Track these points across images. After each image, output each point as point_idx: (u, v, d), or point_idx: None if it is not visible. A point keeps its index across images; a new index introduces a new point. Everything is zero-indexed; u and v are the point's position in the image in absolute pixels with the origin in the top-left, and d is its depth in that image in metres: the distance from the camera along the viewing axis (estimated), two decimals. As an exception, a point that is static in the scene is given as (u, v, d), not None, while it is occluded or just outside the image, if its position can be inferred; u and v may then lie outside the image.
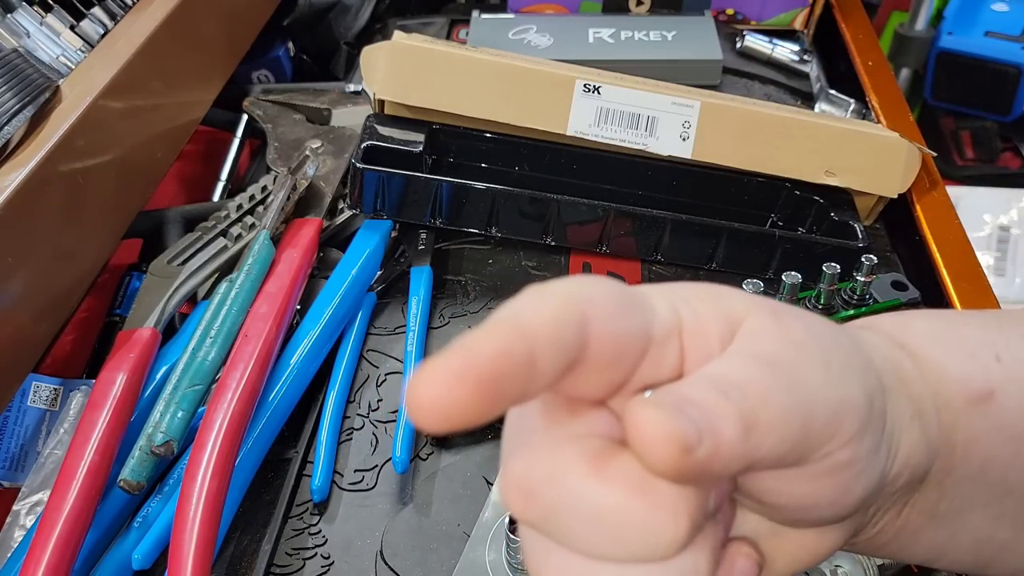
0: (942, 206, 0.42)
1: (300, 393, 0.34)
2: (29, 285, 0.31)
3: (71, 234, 0.33)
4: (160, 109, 0.40)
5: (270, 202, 0.39)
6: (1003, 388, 0.18)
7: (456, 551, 0.29)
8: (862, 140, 0.40)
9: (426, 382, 0.12)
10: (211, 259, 0.37)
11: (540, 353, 0.12)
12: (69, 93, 0.34)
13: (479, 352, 0.12)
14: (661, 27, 0.53)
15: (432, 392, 0.12)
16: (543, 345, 0.13)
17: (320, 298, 0.36)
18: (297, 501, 0.32)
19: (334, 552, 0.30)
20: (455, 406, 0.12)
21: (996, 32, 0.71)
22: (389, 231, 0.41)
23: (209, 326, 0.33)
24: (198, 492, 0.27)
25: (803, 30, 0.58)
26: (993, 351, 0.18)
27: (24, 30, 0.37)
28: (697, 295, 0.15)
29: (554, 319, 0.13)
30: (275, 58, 0.54)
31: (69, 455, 0.29)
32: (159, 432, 0.29)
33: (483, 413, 0.12)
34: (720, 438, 0.13)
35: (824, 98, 0.51)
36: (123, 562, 0.29)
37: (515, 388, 0.12)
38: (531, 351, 0.12)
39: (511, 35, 0.53)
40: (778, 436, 0.14)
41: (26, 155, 0.31)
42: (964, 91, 0.72)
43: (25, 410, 0.35)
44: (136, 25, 0.39)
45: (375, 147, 0.39)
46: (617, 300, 0.14)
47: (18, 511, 0.31)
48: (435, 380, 0.12)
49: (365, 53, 0.40)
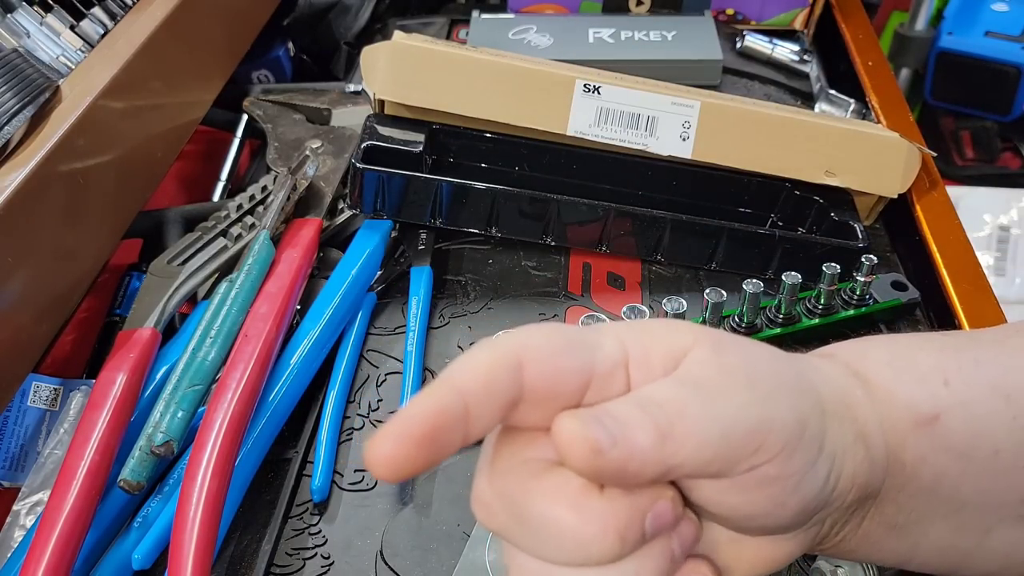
0: (942, 206, 0.42)
1: (300, 393, 0.34)
2: (29, 285, 0.31)
3: (71, 234, 0.33)
4: (160, 109, 0.40)
5: (270, 202, 0.39)
6: (949, 411, 0.19)
7: (456, 551, 0.29)
8: (862, 140, 0.40)
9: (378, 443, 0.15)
10: (211, 259, 0.37)
11: (474, 404, 0.15)
12: (69, 93, 0.34)
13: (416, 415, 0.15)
14: (661, 27, 0.53)
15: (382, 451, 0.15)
16: (477, 397, 0.15)
17: (320, 298, 0.36)
18: (297, 501, 0.32)
19: (334, 552, 0.30)
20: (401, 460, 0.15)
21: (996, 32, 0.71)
22: (389, 231, 0.41)
23: (209, 326, 0.33)
24: (198, 492, 0.27)
25: (803, 30, 0.58)
26: (943, 376, 0.20)
27: (24, 30, 0.37)
28: (648, 330, 0.18)
29: (487, 371, 0.15)
30: (275, 58, 0.54)
31: (69, 455, 0.29)
32: (159, 432, 0.29)
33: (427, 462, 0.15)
34: (634, 443, 0.15)
35: (824, 98, 0.51)
36: (123, 562, 0.29)
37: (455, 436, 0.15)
38: (464, 404, 0.15)
39: (511, 35, 0.53)
40: (694, 445, 0.16)
41: (26, 155, 0.31)
42: (964, 91, 0.72)
43: (25, 410, 0.35)
44: (136, 25, 0.39)
45: (375, 147, 0.39)
46: (554, 342, 0.16)
47: (18, 511, 0.31)
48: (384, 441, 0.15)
49: (365, 53, 0.40)
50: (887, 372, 0.20)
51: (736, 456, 0.16)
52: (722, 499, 0.17)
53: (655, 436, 0.15)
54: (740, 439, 0.16)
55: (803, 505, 0.17)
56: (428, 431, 0.15)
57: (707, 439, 0.16)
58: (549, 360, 0.16)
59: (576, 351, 0.16)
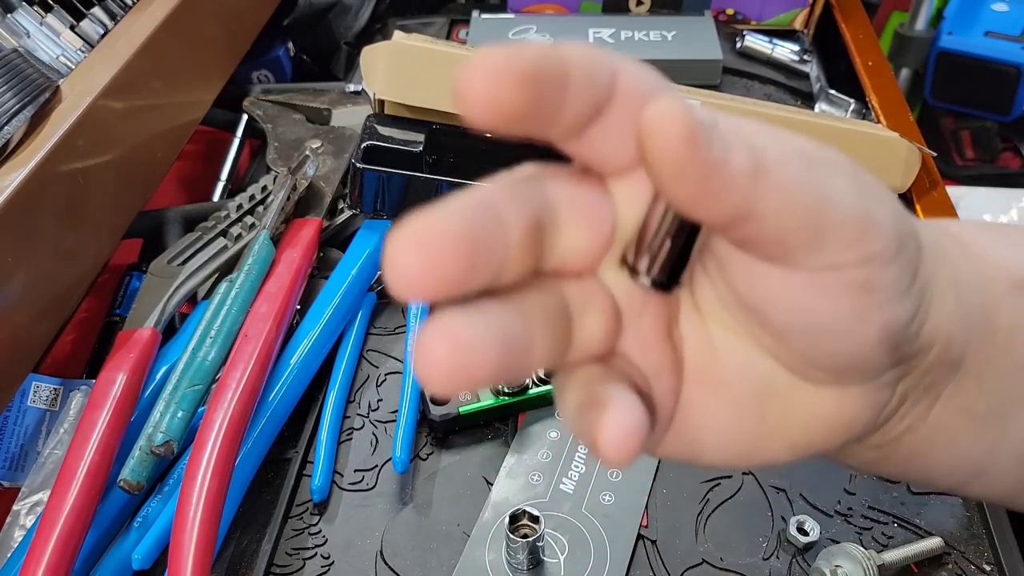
0: (942, 206, 0.42)
1: (300, 393, 0.34)
2: (29, 285, 0.31)
3: (71, 234, 0.33)
4: (160, 109, 0.40)
5: (270, 202, 0.39)
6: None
7: (456, 551, 0.29)
8: (862, 140, 0.40)
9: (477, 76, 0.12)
10: (211, 259, 0.37)
11: (576, 76, 0.13)
12: (69, 93, 0.34)
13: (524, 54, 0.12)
14: (661, 27, 0.53)
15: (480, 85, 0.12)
16: (578, 70, 0.13)
17: (320, 298, 0.36)
18: (297, 501, 0.32)
19: (334, 552, 0.30)
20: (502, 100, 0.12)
21: (996, 32, 0.71)
22: (389, 231, 0.41)
23: (209, 326, 0.33)
24: (198, 492, 0.27)
25: (803, 30, 0.58)
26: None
27: (24, 30, 0.37)
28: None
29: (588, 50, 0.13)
30: (275, 58, 0.54)
31: (69, 455, 0.29)
32: (159, 432, 0.29)
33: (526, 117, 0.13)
34: (730, 160, 0.13)
35: (824, 98, 0.51)
36: (123, 562, 0.29)
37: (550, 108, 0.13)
38: (567, 74, 0.13)
39: (511, 35, 0.53)
40: (785, 199, 0.13)
41: (26, 155, 0.31)
42: (964, 91, 0.72)
43: (25, 410, 0.35)
44: (136, 25, 0.39)
45: (375, 147, 0.39)
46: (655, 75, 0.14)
47: (18, 511, 0.31)
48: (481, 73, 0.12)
49: (365, 53, 0.40)
50: (979, 236, 0.18)
51: (824, 237, 0.14)
52: (794, 297, 0.14)
53: (751, 166, 0.13)
54: (834, 219, 0.14)
55: (886, 331, 0.15)
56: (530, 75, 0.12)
57: (799, 199, 0.13)
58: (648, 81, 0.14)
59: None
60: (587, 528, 0.30)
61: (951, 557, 0.29)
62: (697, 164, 0.13)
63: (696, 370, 0.16)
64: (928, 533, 0.30)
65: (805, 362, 0.16)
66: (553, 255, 0.15)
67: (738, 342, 0.16)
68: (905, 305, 0.15)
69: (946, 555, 0.29)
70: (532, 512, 0.28)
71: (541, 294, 0.14)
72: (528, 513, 0.28)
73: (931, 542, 0.29)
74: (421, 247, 0.12)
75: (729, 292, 0.16)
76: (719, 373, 0.16)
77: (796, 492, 0.31)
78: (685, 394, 0.16)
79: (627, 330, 0.16)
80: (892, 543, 0.30)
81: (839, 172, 0.14)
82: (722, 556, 0.29)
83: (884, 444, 0.17)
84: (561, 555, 0.29)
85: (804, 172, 0.14)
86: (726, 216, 0.13)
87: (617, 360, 0.16)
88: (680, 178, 0.13)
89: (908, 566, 0.29)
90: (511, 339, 0.13)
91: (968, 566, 0.29)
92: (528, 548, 0.28)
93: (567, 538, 0.30)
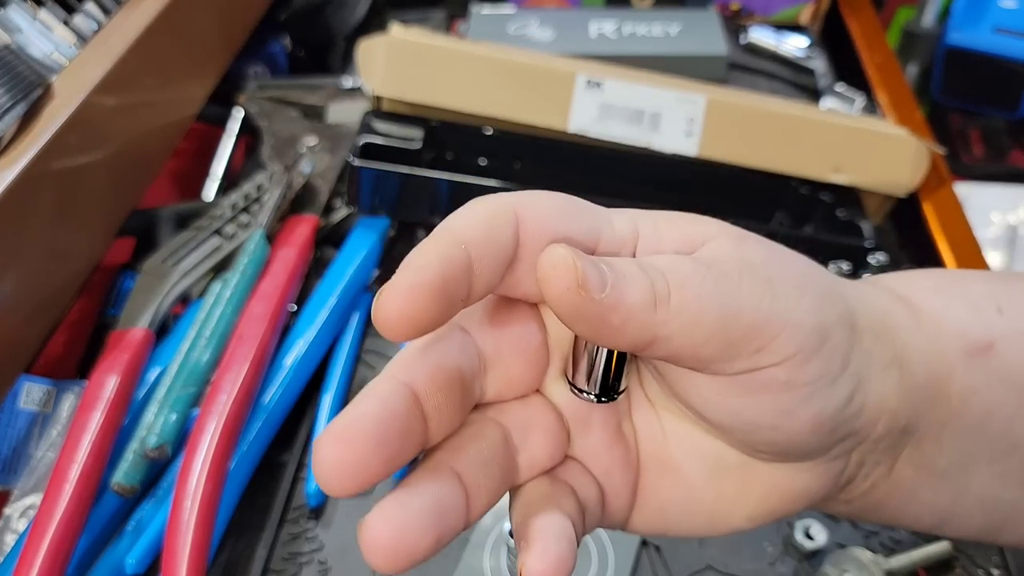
0: (950, 204, 0.41)
1: (296, 395, 0.34)
2: (21, 285, 0.30)
3: (63, 233, 0.33)
4: (154, 106, 0.39)
5: (265, 200, 0.38)
6: (1004, 339, 0.18)
7: (455, 557, 0.29)
8: (870, 137, 0.39)
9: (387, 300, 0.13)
10: (205, 258, 0.37)
11: (477, 256, 0.14)
12: (61, 90, 0.34)
13: (424, 265, 0.13)
14: (664, 21, 0.53)
15: (394, 307, 0.13)
16: (479, 248, 0.14)
17: (316, 298, 0.36)
18: (293, 505, 0.31)
19: (331, 557, 0.29)
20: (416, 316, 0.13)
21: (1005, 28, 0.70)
22: (387, 229, 0.40)
23: (203, 327, 0.32)
24: (192, 496, 0.27)
25: (810, 25, 0.57)
26: (995, 303, 0.18)
27: (16, 26, 0.37)
28: (668, 217, 0.16)
29: (486, 221, 0.14)
30: (271, 53, 0.54)
31: (61, 458, 0.28)
32: (152, 435, 0.29)
33: (439, 318, 0.13)
34: (624, 295, 0.14)
35: (831, 94, 0.50)
36: (116, 567, 0.28)
37: (462, 291, 0.14)
38: (468, 255, 0.14)
39: (511, 29, 0.52)
40: (688, 320, 0.14)
41: (18, 153, 0.30)
42: (972, 88, 0.71)
43: (17, 412, 0.35)
44: (129, 20, 0.38)
45: (372, 143, 0.39)
46: (557, 206, 0.15)
47: (10, 515, 0.31)
48: (394, 297, 0.13)
49: (362, 48, 0.40)
50: (935, 298, 0.18)
51: (736, 347, 0.14)
52: (722, 400, 0.15)
53: (648, 297, 0.14)
54: (742, 329, 0.14)
55: (817, 421, 0.15)
56: (439, 282, 0.13)
57: (703, 318, 0.14)
58: (550, 221, 0.15)
59: (581, 216, 0.15)
60: (590, 534, 0.29)
61: (959, 561, 0.29)
62: (590, 305, 0.14)
63: (650, 458, 0.18)
64: (936, 537, 0.29)
65: (748, 449, 0.17)
66: (487, 392, 0.16)
67: (688, 428, 0.17)
68: (835, 392, 0.16)
69: (954, 559, 0.29)
70: (532, 517, 0.28)
71: (478, 443, 0.15)
72: (528, 518, 0.28)
73: (939, 546, 0.29)
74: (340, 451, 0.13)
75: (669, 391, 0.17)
76: (672, 458, 0.17)
77: (801, 497, 0.31)
78: (642, 482, 0.18)
79: (576, 439, 0.17)
80: (899, 548, 0.29)
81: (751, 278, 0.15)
82: (727, 562, 0.29)
83: (852, 500, 0.18)
84: (561, 561, 0.29)
85: (709, 289, 0.14)
86: (632, 344, 0.14)
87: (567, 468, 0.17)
88: (578, 318, 0.14)
89: (916, 571, 0.29)
90: (448, 508, 0.14)
91: (976, 570, 0.29)
92: (528, 554, 0.27)
93: (568, 544, 0.29)
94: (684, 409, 0.17)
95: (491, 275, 0.14)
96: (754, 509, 0.17)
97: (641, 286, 0.14)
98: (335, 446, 0.13)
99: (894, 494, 0.18)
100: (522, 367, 0.16)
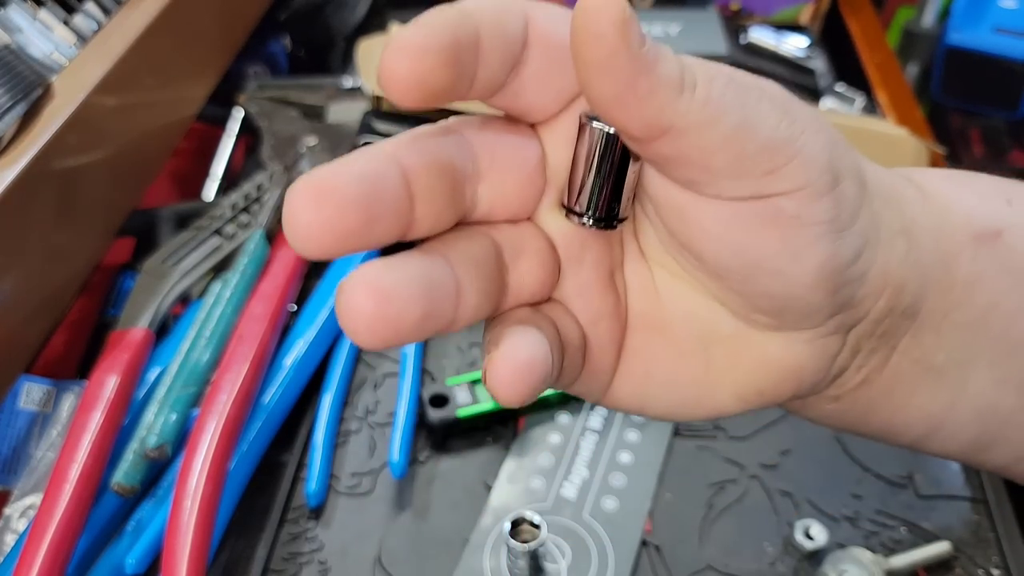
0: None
1: (296, 395, 0.34)
2: (21, 285, 0.30)
3: (63, 233, 0.33)
4: (154, 106, 0.39)
5: (265, 200, 0.38)
6: (1012, 229, 0.17)
7: (455, 557, 0.29)
8: (870, 137, 0.39)
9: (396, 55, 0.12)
10: (205, 258, 0.37)
11: (486, 35, 0.13)
12: (62, 90, 0.34)
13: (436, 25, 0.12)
14: (665, 21, 0.53)
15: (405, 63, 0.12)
16: (488, 27, 0.13)
17: (316, 298, 0.36)
18: (293, 506, 0.31)
19: (331, 558, 0.29)
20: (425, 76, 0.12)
21: (1005, 28, 0.70)
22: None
23: (203, 327, 0.32)
24: (192, 496, 0.27)
25: (810, 25, 0.57)
26: (1005, 196, 0.17)
27: (16, 26, 0.37)
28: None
29: (497, 9, 0.13)
30: (271, 53, 0.54)
31: (61, 458, 0.28)
32: (152, 435, 0.29)
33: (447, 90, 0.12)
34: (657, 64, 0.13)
35: (831, 94, 0.50)
36: (116, 567, 0.28)
37: (468, 68, 0.13)
38: (477, 34, 0.13)
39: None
40: (708, 117, 0.13)
41: (18, 153, 0.30)
42: (972, 88, 0.71)
43: (17, 412, 0.35)
44: (129, 20, 0.38)
45: (372, 143, 0.39)
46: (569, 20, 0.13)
47: (10, 515, 0.31)
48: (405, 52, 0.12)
49: (362, 47, 0.40)
50: (944, 183, 0.17)
51: (746, 164, 0.13)
52: (725, 232, 0.14)
53: (677, 76, 0.13)
54: (757, 145, 0.13)
55: (821, 272, 0.14)
56: (451, 46, 0.12)
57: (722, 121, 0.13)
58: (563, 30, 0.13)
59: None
60: (590, 534, 0.29)
61: (959, 561, 0.29)
62: (626, 57, 0.12)
63: (640, 316, 0.16)
64: (936, 537, 0.29)
65: (745, 304, 0.15)
66: (479, 203, 0.14)
67: (682, 288, 0.16)
68: (845, 244, 0.15)
69: (954, 559, 0.29)
70: (533, 518, 0.28)
71: (469, 242, 0.14)
72: (529, 519, 0.28)
73: (939, 546, 0.29)
74: (317, 199, 0.12)
75: (666, 232, 0.15)
76: (663, 319, 0.16)
77: (802, 496, 0.31)
78: (629, 341, 0.16)
79: (566, 276, 0.16)
80: (900, 547, 0.29)
81: (770, 100, 0.14)
82: (727, 562, 0.29)
83: (842, 396, 0.17)
84: (563, 561, 0.29)
85: (732, 94, 0.13)
86: (646, 124, 0.13)
87: (552, 307, 0.16)
88: (608, 70, 0.12)
89: (916, 571, 0.29)
90: (436, 286, 0.13)
91: (976, 570, 0.29)
92: (529, 555, 0.27)
93: (569, 544, 0.29)
94: (682, 260, 0.16)
95: (498, 66, 0.13)
96: (743, 386, 0.16)
97: (673, 64, 0.13)
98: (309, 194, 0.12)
99: (886, 392, 0.17)
100: (517, 184, 0.15)
